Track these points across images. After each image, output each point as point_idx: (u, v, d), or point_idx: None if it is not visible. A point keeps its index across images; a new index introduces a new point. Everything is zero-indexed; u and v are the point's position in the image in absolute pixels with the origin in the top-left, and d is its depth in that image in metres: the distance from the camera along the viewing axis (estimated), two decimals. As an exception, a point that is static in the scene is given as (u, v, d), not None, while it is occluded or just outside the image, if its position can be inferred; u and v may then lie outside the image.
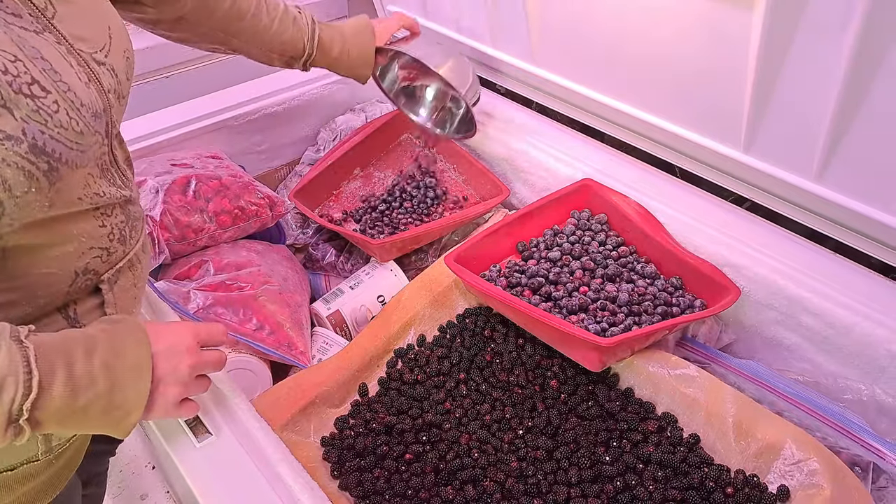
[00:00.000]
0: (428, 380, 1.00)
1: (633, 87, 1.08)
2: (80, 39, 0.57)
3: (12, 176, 0.49)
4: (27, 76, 0.50)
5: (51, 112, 0.51)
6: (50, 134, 0.51)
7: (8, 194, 0.50)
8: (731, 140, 0.98)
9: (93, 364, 0.54)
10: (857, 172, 0.86)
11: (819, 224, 0.96)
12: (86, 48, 0.57)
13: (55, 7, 0.55)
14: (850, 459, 0.84)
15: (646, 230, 1.06)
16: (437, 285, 1.09)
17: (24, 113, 0.49)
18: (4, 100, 0.48)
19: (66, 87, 0.53)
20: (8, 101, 0.48)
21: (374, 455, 0.89)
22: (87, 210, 0.60)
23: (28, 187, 0.51)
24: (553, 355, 0.99)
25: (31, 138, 0.49)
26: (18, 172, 0.49)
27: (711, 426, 0.86)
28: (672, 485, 0.82)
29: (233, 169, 1.28)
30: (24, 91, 0.49)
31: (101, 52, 0.59)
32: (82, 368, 0.53)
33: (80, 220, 0.59)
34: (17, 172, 0.49)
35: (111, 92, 0.59)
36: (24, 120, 0.49)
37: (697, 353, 0.99)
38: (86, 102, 0.55)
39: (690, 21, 0.91)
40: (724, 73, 0.91)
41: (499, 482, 0.86)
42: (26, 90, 0.50)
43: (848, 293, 0.92)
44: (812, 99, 0.83)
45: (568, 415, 0.93)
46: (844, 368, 0.93)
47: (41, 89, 0.51)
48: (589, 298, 0.98)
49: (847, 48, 0.75)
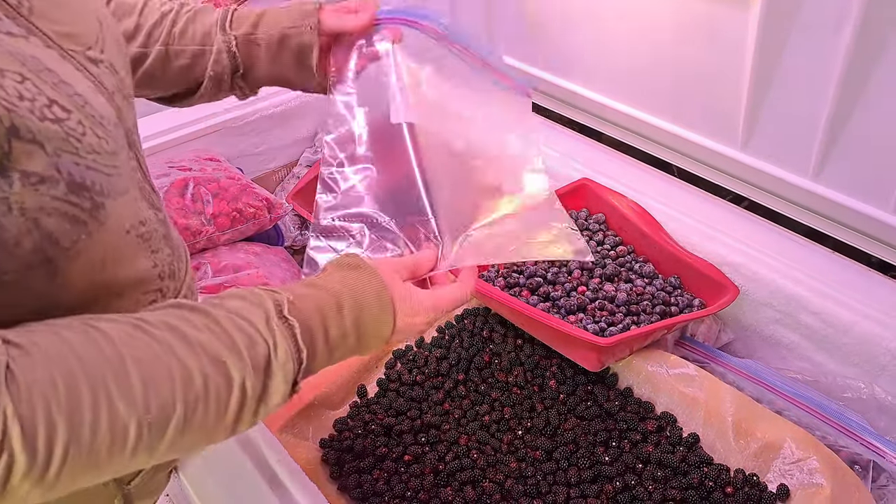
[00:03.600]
0: (427, 381, 1.00)
1: (631, 86, 1.08)
2: (67, 37, 0.46)
3: (56, 226, 0.40)
4: (43, 97, 0.40)
5: (78, 136, 0.41)
6: (85, 164, 0.41)
7: (57, 249, 0.40)
8: (728, 139, 0.98)
9: (344, 323, 0.52)
10: (855, 170, 0.86)
11: (817, 222, 0.96)
12: (77, 47, 0.46)
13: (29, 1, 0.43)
14: (850, 458, 0.84)
15: (644, 230, 1.06)
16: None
17: (54, 146, 0.39)
18: (33, 133, 0.38)
19: (82, 100, 0.43)
20: (37, 135, 0.38)
21: (374, 456, 0.89)
22: (137, 246, 0.50)
23: (77, 235, 0.41)
24: (552, 355, 0.99)
25: (66, 175, 0.40)
26: (62, 220, 0.40)
27: (711, 425, 0.86)
28: (672, 484, 0.82)
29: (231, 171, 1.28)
30: (48, 116, 0.39)
31: (95, 47, 0.48)
32: (336, 330, 0.52)
33: (132, 263, 0.50)
34: (61, 220, 0.40)
35: (116, 93, 0.49)
36: (56, 154, 0.39)
37: (696, 353, 0.99)
38: (105, 114, 0.45)
39: (688, 21, 0.91)
40: (721, 73, 0.91)
41: (498, 483, 0.86)
42: (49, 114, 0.39)
43: (847, 292, 0.92)
44: (808, 98, 0.83)
45: (567, 415, 0.93)
46: (844, 367, 0.93)
47: (62, 110, 0.41)
48: (587, 298, 0.98)
49: (842, 47, 0.76)
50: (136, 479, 0.60)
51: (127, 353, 0.39)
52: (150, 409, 0.39)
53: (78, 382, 0.37)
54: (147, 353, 0.40)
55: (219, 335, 0.44)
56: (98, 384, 0.38)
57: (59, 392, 0.36)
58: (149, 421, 0.39)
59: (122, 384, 0.38)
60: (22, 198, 0.38)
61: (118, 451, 0.39)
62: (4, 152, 0.37)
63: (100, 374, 0.38)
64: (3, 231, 0.37)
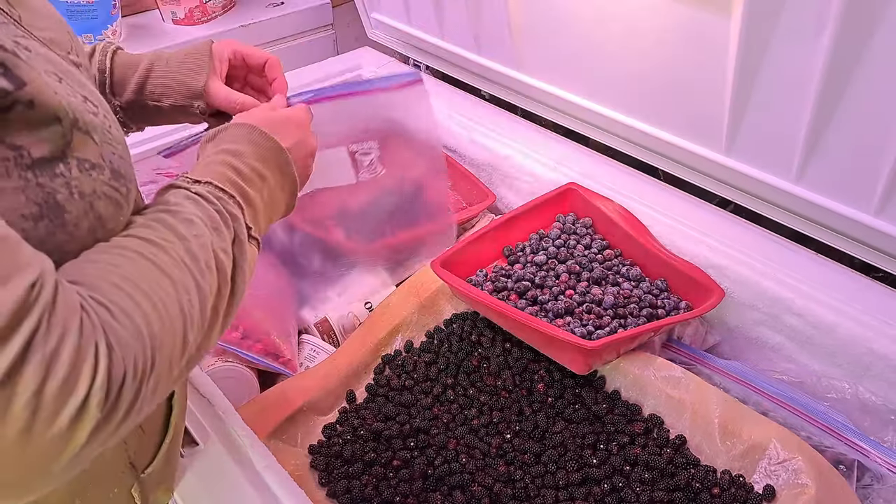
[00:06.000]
0: (415, 385, 1.00)
1: (616, 91, 1.09)
2: (52, 42, 0.49)
3: (105, 209, 0.44)
4: (79, 95, 0.44)
5: (107, 128, 0.46)
6: (118, 154, 0.46)
7: (104, 231, 0.45)
8: (712, 143, 0.99)
9: (256, 166, 0.58)
10: (837, 173, 0.87)
11: (801, 225, 0.97)
12: (61, 51, 0.50)
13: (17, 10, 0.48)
14: (835, 458, 0.85)
15: (631, 233, 1.07)
16: (424, 291, 1.09)
17: (99, 136, 0.44)
18: (86, 124, 0.43)
19: (96, 96, 0.47)
20: (88, 126, 0.43)
21: (363, 462, 0.89)
22: None
23: (117, 217, 0.46)
24: (540, 359, 1.00)
25: (109, 162, 0.44)
26: (109, 204, 0.44)
27: (697, 427, 0.87)
28: (659, 486, 0.83)
29: (219, 177, 1.28)
30: (89, 110, 0.44)
31: (72, 52, 0.53)
32: (255, 171, 0.57)
33: None
34: (108, 204, 0.44)
35: None
36: (101, 144, 0.44)
37: (683, 355, 1.00)
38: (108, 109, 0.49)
39: (671, 27, 0.92)
40: (705, 78, 0.92)
41: (487, 487, 0.86)
42: (90, 108, 0.44)
43: (831, 293, 0.93)
44: (790, 102, 0.84)
45: (555, 418, 0.93)
46: (828, 368, 0.94)
47: (94, 105, 0.45)
48: (575, 301, 0.99)
49: (823, 51, 0.77)
50: (150, 467, 0.61)
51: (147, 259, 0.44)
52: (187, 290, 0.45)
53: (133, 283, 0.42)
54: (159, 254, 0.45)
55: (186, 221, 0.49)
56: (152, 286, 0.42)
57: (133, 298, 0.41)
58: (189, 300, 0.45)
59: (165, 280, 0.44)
60: (80, 182, 0.42)
61: (181, 329, 0.43)
62: (67, 141, 0.41)
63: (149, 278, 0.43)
64: (67, 213, 0.41)
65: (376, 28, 1.57)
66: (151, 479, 0.62)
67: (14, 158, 0.38)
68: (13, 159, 0.38)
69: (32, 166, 0.39)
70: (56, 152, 0.40)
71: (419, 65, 1.54)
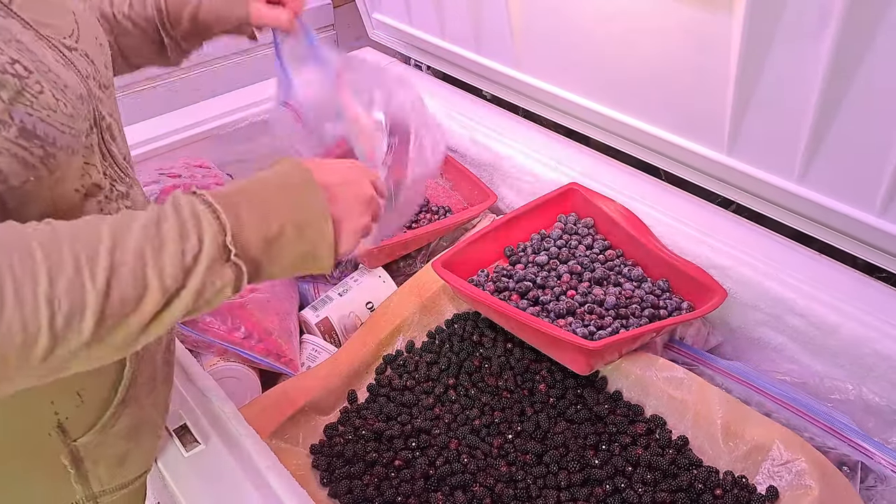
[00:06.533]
0: (417, 386, 1.00)
1: (618, 91, 1.09)
2: (44, 26, 0.52)
3: (6, 164, 0.45)
4: (5, 56, 0.46)
5: (35, 93, 0.47)
6: (38, 116, 0.47)
7: (5, 185, 0.46)
8: (714, 143, 0.99)
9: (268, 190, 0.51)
10: (839, 173, 0.87)
11: (803, 225, 0.97)
12: (53, 34, 0.53)
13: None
14: (838, 459, 0.85)
15: (632, 233, 1.07)
16: (426, 291, 1.09)
17: (9, 94, 0.45)
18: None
19: (45, 67, 0.49)
20: None
21: (364, 462, 0.89)
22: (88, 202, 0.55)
23: (26, 176, 0.47)
24: (541, 359, 0.99)
25: (19, 122, 0.46)
26: (12, 160, 0.46)
27: (700, 428, 0.87)
28: (661, 487, 0.82)
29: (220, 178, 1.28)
30: (8, 70, 0.46)
31: (69, 37, 0.55)
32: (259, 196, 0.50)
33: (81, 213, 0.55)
34: (11, 160, 0.46)
35: (90, 78, 0.55)
36: (10, 102, 0.45)
37: (685, 356, 1.00)
38: (70, 84, 0.51)
39: (672, 26, 0.92)
40: (706, 77, 0.92)
41: (488, 487, 0.86)
42: (10, 70, 0.46)
43: (833, 293, 0.92)
44: (792, 101, 0.84)
45: (557, 419, 0.93)
46: (831, 369, 0.93)
47: (24, 69, 0.47)
48: (576, 302, 0.99)
49: (825, 51, 0.76)
50: (84, 437, 0.62)
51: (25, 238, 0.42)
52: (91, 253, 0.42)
53: None
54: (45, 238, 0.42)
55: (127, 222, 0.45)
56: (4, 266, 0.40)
57: None
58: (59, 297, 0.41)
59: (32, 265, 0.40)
60: None
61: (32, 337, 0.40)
62: None
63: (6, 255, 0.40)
64: None
65: (377, 28, 1.57)
66: (87, 449, 0.63)
67: None
68: None
69: None
70: None
71: (420, 65, 1.54)
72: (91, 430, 0.63)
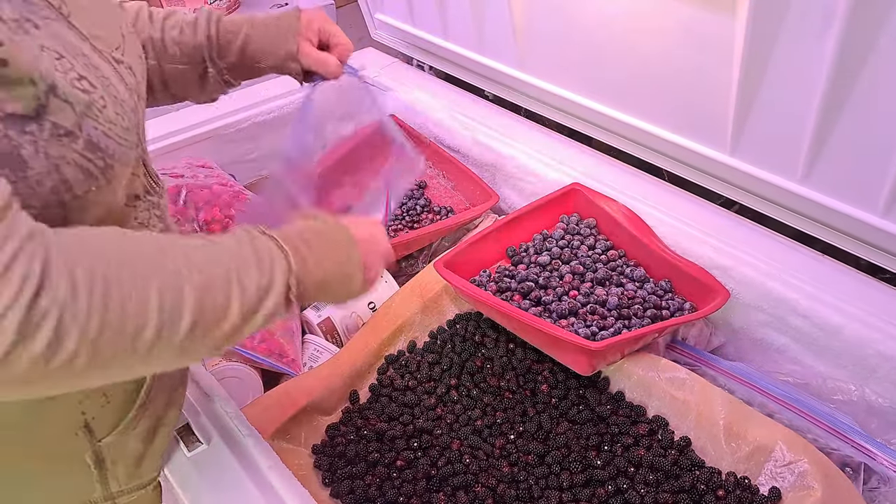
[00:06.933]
0: (419, 386, 1.00)
1: (620, 91, 1.09)
2: (96, 38, 0.55)
3: (72, 175, 0.48)
4: (74, 72, 0.49)
5: (100, 108, 0.50)
6: (102, 130, 0.50)
7: (70, 195, 0.49)
8: (717, 143, 0.99)
9: (321, 243, 0.59)
10: (842, 173, 0.87)
11: (806, 226, 0.97)
12: (104, 47, 0.56)
13: (67, 6, 0.53)
14: (841, 460, 0.84)
15: (635, 234, 1.07)
16: (428, 291, 1.09)
17: (80, 108, 0.48)
18: (66, 95, 0.47)
19: (107, 82, 0.53)
20: (69, 96, 0.48)
21: (366, 462, 0.89)
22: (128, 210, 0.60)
23: (88, 186, 0.50)
24: (543, 360, 0.99)
25: (86, 135, 0.49)
26: (77, 171, 0.48)
27: (702, 429, 0.87)
28: (663, 488, 0.82)
29: (223, 178, 1.28)
30: (76, 86, 0.49)
31: (117, 50, 0.57)
32: (315, 247, 0.58)
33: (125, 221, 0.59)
34: (77, 171, 0.48)
35: (134, 91, 0.58)
36: (80, 116, 0.48)
37: (687, 356, 0.99)
38: (125, 98, 0.55)
39: (675, 27, 0.92)
40: (709, 78, 0.92)
41: (490, 488, 0.86)
42: (79, 85, 0.49)
43: (836, 294, 0.92)
44: (796, 102, 0.84)
45: (559, 419, 0.93)
46: (834, 370, 0.93)
47: (90, 85, 0.50)
48: (578, 302, 0.99)
49: (828, 51, 0.76)
50: (108, 437, 0.64)
51: (140, 245, 0.47)
52: (166, 286, 0.45)
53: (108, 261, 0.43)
54: (154, 246, 0.48)
55: (214, 244, 0.51)
56: (128, 263, 0.44)
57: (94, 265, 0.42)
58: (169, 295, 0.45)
59: (147, 264, 0.45)
60: (49, 145, 0.46)
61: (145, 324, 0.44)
62: (42, 104, 0.45)
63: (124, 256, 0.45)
64: (29, 169, 0.45)
65: (380, 29, 1.57)
66: (110, 449, 0.65)
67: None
68: None
69: (4, 119, 0.43)
70: (29, 111, 0.45)
71: (423, 65, 1.54)
72: (115, 431, 0.65)
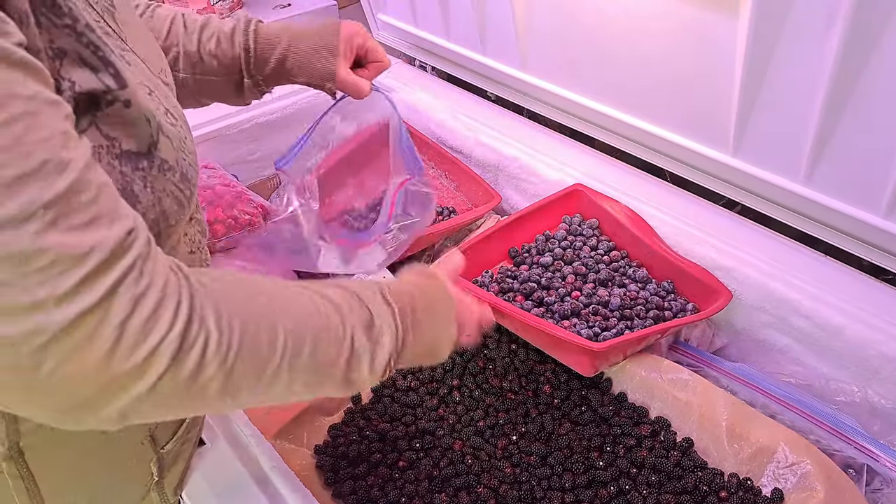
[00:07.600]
0: (421, 386, 1.00)
1: (623, 92, 1.09)
2: (149, 62, 0.55)
3: (169, 205, 0.49)
4: (163, 107, 0.50)
5: (182, 138, 0.52)
6: (188, 161, 0.52)
7: (165, 224, 0.50)
8: (719, 144, 0.98)
9: (421, 319, 0.58)
10: (845, 174, 0.87)
11: (809, 227, 0.97)
12: (156, 71, 0.56)
13: (125, 34, 0.53)
14: (844, 462, 0.84)
15: (637, 234, 1.06)
16: (430, 292, 1.09)
17: (176, 143, 0.50)
18: (167, 131, 0.48)
19: (180, 112, 0.54)
20: (168, 132, 0.49)
21: (368, 463, 0.89)
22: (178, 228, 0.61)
23: (178, 217, 0.51)
24: (546, 361, 0.99)
25: (179, 166, 0.50)
26: (173, 202, 0.50)
27: (705, 430, 0.86)
28: (666, 489, 0.82)
29: (226, 178, 1.28)
30: (168, 120, 0.50)
31: (162, 73, 0.58)
32: (421, 319, 0.57)
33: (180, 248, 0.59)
34: (173, 202, 0.50)
35: None
36: (177, 150, 0.50)
37: (690, 357, 0.99)
38: (185, 121, 0.55)
39: (677, 27, 0.92)
40: (712, 78, 0.92)
41: (493, 488, 0.86)
42: (170, 119, 0.50)
43: (839, 295, 0.92)
44: (798, 102, 0.84)
45: (561, 420, 0.93)
46: (837, 371, 0.93)
47: (174, 118, 0.52)
48: (581, 303, 0.98)
49: (831, 51, 0.76)
50: (168, 445, 0.66)
51: (269, 288, 0.48)
52: (290, 328, 0.46)
53: (245, 300, 0.45)
54: (281, 290, 0.48)
55: (338, 295, 0.51)
56: (258, 302, 0.45)
57: (234, 303, 0.44)
58: (291, 337, 0.46)
59: (274, 305, 0.46)
60: (155, 179, 0.48)
61: (271, 358, 0.45)
62: (154, 142, 0.47)
63: (257, 296, 0.46)
64: (139, 203, 0.47)
65: (382, 29, 1.57)
66: (169, 456, 0.67)
67: (107, 147, 0.44)
68: (106, 147, 0.44)
69: (120, 156, 0.45)
70: (142, 149, 0.47)
71: (425, 66, 1.54)
72: (173, 439, 0.66)
